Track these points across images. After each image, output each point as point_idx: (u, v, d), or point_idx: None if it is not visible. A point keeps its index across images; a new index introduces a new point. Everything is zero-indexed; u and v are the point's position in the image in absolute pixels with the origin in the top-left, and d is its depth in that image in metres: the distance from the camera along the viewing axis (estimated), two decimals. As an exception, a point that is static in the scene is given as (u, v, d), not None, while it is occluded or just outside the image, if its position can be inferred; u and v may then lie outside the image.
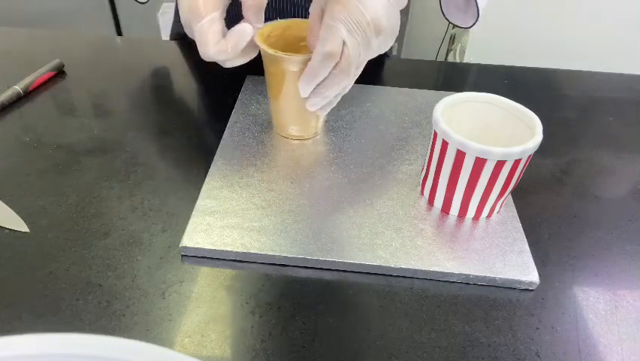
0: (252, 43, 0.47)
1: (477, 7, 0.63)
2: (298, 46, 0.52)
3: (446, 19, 0.69)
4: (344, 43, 0.42)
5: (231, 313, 0.39)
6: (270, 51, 0.47)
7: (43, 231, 0.45)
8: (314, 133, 0.56)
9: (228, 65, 0.47)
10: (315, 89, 0.46)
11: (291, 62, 0.47)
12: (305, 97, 0.47)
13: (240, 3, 0.46)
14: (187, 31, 0.46)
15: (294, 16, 0.71)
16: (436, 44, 1.76)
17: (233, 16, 0.48)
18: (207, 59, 0.46)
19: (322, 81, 0.45)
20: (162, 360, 0.21)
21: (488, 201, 0.45)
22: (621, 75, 0.74)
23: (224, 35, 0.45)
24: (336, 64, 0.43)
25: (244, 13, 0.45)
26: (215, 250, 0.43)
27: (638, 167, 0.57)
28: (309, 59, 0.46)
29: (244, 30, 0.45)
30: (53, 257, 0.43)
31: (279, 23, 0.52)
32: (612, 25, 1.28)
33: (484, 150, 0.40)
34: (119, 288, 0.40)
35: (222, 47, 0.44)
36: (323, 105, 0.48)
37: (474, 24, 0.67)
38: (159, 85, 0.67)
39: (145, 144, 0.56)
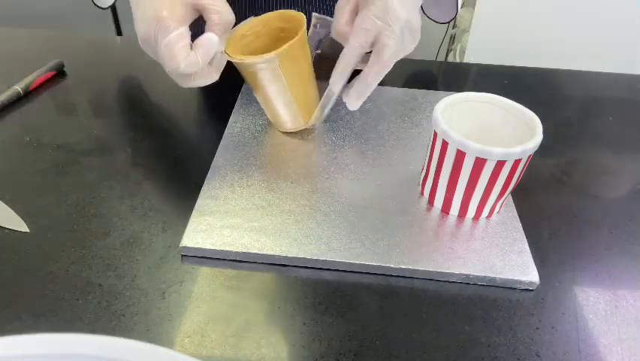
0: (216, 61, 0.46)
1: (457, 3, 0.65)
2: (280, 37, 0.51)
3: (424, 12, 0.70)
4: (381, 38, 0.44)
5: (231, 313, 0.39)
6: (232, 58, 0.47)
7: (43, 231, 0.45)
8: (311, 124, 0.55)
9: (193, 83, 0.45)
10: (355, 87, 0.47)
11: (254, 65, 0.47)
12: (346, 100, 0.49)
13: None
14: (145, 44, 0.44)
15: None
16: (436, 44, 1.76)
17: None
18: (174, 75, 0.44)
19: (364, 77, 0.46)
20: (162, 360, 0.21)
21: (488, 201, 0.45)
22: (621, 75, 0.74)
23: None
24: (379, 59, 0.45)
25: (209, 30, 0.44)
26: (215, 250, 0.43)
27: (638, 167, 0.57)
28: (271, 58, 0.46)
29: (211, 38, 0.43)
30: (53, 257, 0.43)
31: (257, 20, 0.51)
32: (612, 25, 1.28)
33: (484, 150, 0.40)
34: (119, 288, 0.40)
35: (193, 59, 0.42)
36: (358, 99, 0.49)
37: (451, 19, 0.68)
38: (159, 85, 0.67)
39: (145, 144, 0.56)
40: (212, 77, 0.46)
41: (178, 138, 0.57)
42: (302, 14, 0.49)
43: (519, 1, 1.30)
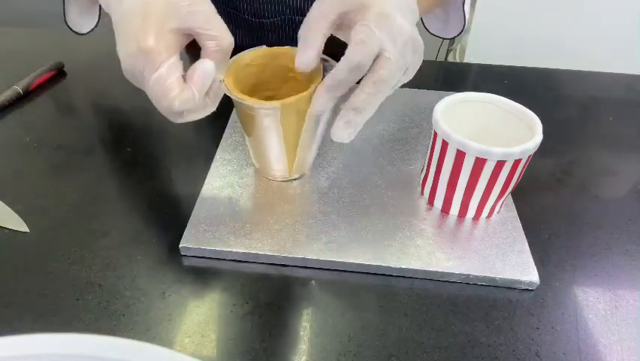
0: (212, 91, 0.39)
1: (464, 17, 0.62)
2: (287, 76, 0.46)
3: (425, 28, 0.67)
4: (383, 54, 0.36)
5: (231, 313, 0.39)
6: (231, 94, 0.41)
7: (43, 231, 0.45)
8: (298, 174, 0.50)
9: (187, 118, 0.38)
10: (345, 113, 0.39)
11: (254, 109, 0.42)
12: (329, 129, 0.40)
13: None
14: (130, 75, 0.37)
15: None
16: (436, 44, 1.76)
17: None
18: (168, 113, 0.37)
19: (354, 100, 0.38)
20: (162, 360, 0.21)
21: (488, 201, 0.45)
22: (621, 75, 0.74)
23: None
24: (373, 76, 0.37)
25: (204, 57, 0.38)
26: (215, 250, 0.43)
27: (638, 167, 0.57)
28: (275, 107, 0.40)
29: (207, 67, 0.36)
30: (53, 257, 0.43)
31: (266, 50, 0.45)
32: (612, 25, 1.28)
33: (484, 150, 0.40)
34: (119, 288, 0.40)
35: (188, 94, 0.36)
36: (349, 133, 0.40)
37: (458, 34, 0.65)
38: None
39: (145, 143, 0.56)
40: (209, 109, 0.40)
41: (178, 138, 0.57)
42: (320, 67, 0.42)
43: (519, 1, 1.30)
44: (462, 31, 0.63)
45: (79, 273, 0.41)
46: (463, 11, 0.62)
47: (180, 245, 0.43)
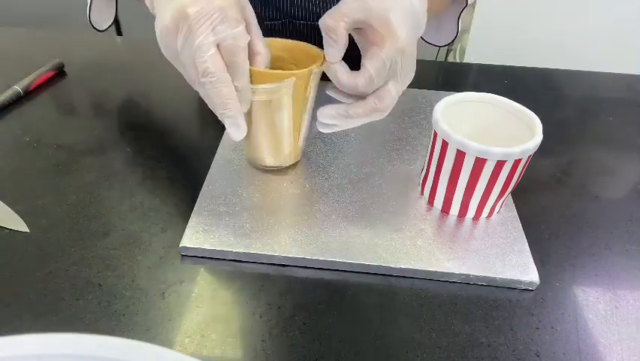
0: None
1: (457, 27, 0.63)
2: (275, 67, 0.46)
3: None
4: (387, 86, 0.40)
5: (231, 313, 0.39)
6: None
7: (43, 231, 0.45)
8: (292, 161, 0.51)
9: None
10: (336, 118, 0.42)
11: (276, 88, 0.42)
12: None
13: None
14: (172, 34, 0.38)
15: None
16: (436, 44, 1.76)
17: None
18: (244, 81, 0.40)
19: (348, 110, 0.41)
20: (162, 360, 0.21)
21: (488, 201, 0.45)
22: (621, 75, 0.74)
23: None
24: (375, 104, 0.41)
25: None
26: (215, 250, 0.43)
27: (638, 167, 0.57)
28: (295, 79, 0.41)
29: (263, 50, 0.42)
30: (53, 257, 0.43)
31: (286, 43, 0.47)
32: (612, 25, 1.28)
33: (484, 150, 0.40)
34: (119, 288, 0.40)
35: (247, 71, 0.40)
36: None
37: (451, 43, 0.67)
38: (159, 85, 0.67)
39: (145, 143, 0.56)
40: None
41: (178, 138, 0.57)
42: (313, 53, 0.44)
43: (519, 2, 1.30)
44: (452, 41, 0.66)
45: (79, 273, 0.41)
46: (457, 22, 0.63)
47: (180, 245, 0.43)
